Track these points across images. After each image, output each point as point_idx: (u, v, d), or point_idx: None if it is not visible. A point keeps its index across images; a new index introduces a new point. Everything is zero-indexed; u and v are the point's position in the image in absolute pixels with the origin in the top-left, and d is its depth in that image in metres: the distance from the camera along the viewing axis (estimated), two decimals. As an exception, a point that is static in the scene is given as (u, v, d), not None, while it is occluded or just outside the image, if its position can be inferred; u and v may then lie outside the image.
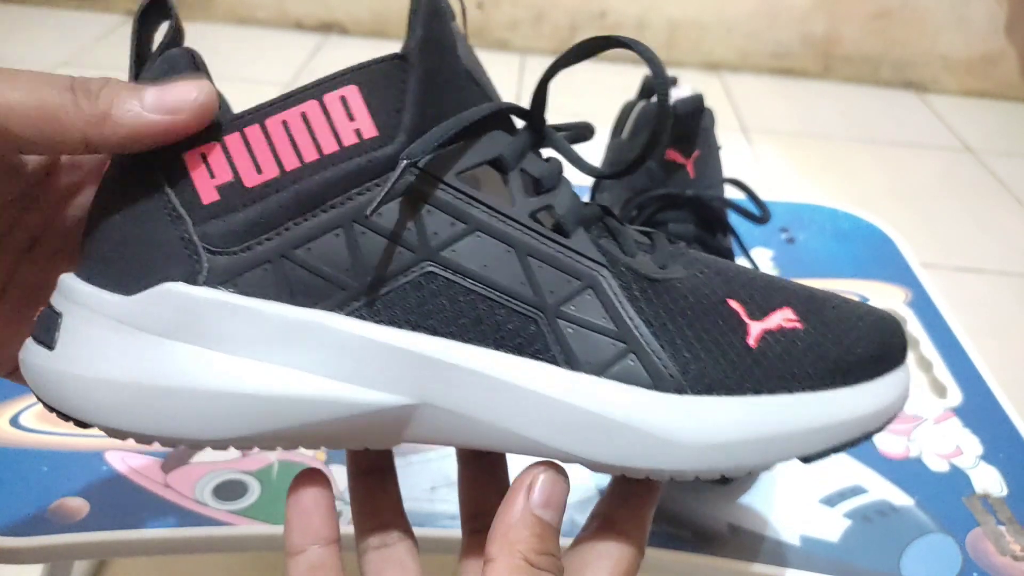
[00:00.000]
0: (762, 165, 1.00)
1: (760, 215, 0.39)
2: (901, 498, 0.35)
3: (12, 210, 0.22)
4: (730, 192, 0.42)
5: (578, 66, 0.26)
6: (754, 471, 0.24)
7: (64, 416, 0.20)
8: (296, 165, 0.21)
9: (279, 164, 0.21)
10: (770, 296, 0.23)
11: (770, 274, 0.24)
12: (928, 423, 0.40)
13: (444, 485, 0.34)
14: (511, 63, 1.19)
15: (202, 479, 0.33)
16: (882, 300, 0.49)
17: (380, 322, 0.21)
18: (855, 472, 0.36)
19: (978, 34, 1.24)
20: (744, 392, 0.21)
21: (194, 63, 0.21)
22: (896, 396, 0.23)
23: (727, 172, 0.42)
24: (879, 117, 1.17)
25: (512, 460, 0.24)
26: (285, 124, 0.21)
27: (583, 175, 0.25)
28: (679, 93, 0.41)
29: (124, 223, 0.21)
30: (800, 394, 0.22)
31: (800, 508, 0.34)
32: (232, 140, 0.21)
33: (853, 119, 1.16)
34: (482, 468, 0.25)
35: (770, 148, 1.04)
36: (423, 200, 0.21)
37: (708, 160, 0.40)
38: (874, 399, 0.23)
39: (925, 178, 1.01)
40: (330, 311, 0.21)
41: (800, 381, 0.22)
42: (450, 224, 0.21)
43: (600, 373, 0.21)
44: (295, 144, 0.21)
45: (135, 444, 0.20)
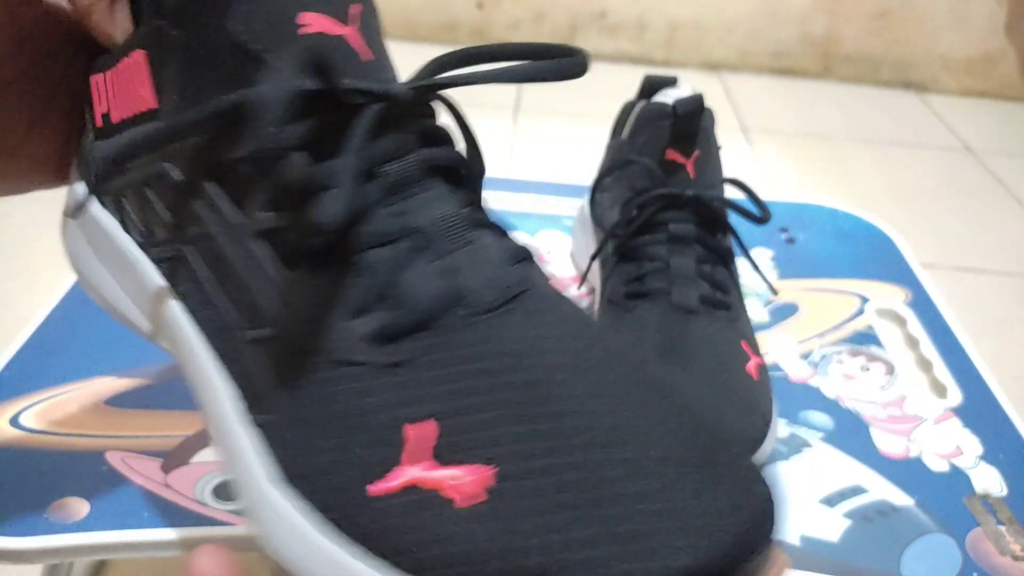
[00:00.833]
0: (762, 165, 1.00)
1: (760, 215, 0.39)
2: (901, 498, 0.35)
3: (58, 19, 0.23)
4: (730, 192, 0.42)
5: None
6: None
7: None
8: (121, 118, 0.22)
9: (119, 111, 0.22)
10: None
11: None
12: (928, 423, 0.40)
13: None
14: (511, 63, 1.19)
15: (202, 479, 0.33)
16: (882, 300, 0.49)
17: (160, 272, 0.23)
18: (855, 472, 0.36)
19: (978, 34, 1.24)
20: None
21: None
22: None
23: (727, 172, 0.42)
24: (879, 117, 1.17)
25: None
26: (116, 77, 0.22)
27: (581, 174, 0.25)
28: (679, 93, 0.41)
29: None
30: None
31: (800, 508, 0.34)
32: (107, 76, 0.22)
33: (853, 119, 1.16)
34: None
35: (770, 148, 1.04)
36: (172, 191, 0.20)
37: (708, 160, 0.40)
38: None
39: (925, 178, 1.01)
40: (140, 249, 0.23)
41: None
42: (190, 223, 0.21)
43: None
44: (121, 98, 0.22)
45: (135, 444, 0.21)
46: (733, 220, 0.41)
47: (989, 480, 0.37)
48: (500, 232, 0.21)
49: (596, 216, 0.43)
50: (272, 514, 0.19)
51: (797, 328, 0.46)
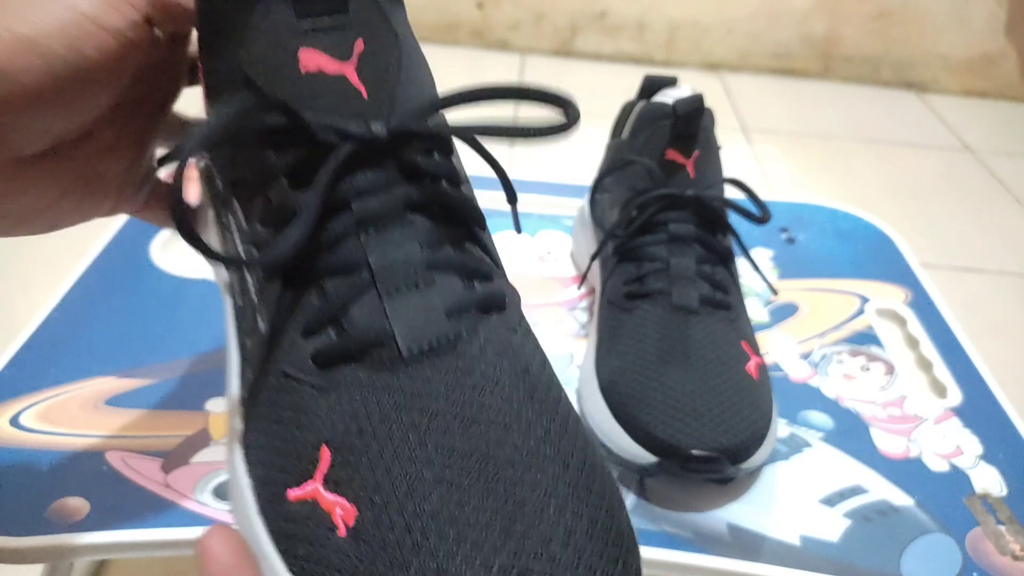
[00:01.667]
0: (762, 165, 1.00)
1: (760, 215, 0.39)
2: (901, 498, 0.35)
3: (150, 76, 0.24)
4: (730, 192, 0.42)
5: (577, 67, 0.25)
6: None
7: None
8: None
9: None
10: None
11: None
12: (928, 423, 0.40)
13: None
14: (511, 63, 1.19)
15: (202, 479, 0.33)
16: (882, 300, 0.49)
17: None
18: (855, 472, 0.36)
19: (978, 34, 1.24)
20: None
21: None
22: None
23: (727, 172, 0.42)
24: (879, 117, 1.17)
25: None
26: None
27: (581, 174, 0.25)
28: (679, 93, 0.41)
29: None
30: None
31: (800, 508, 0.34)
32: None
33: (853, 119, 1.16)
34: None
35: (770, 148, 1.04)
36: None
37: (708, 160, 0.40)
38: None
39: (925, 178, 1.01)
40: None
41: None
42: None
43: None
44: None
45: (136, 444, 0.21)
46: (733, 220, 0.41)
47: (989, 480, 0.37)
48: (466, 276, 0.21)
49: (596, 216, 0.43)
50: (236, 487, 0.21)
51: (797, 328, 0.46)
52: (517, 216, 0.24)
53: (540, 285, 0.48)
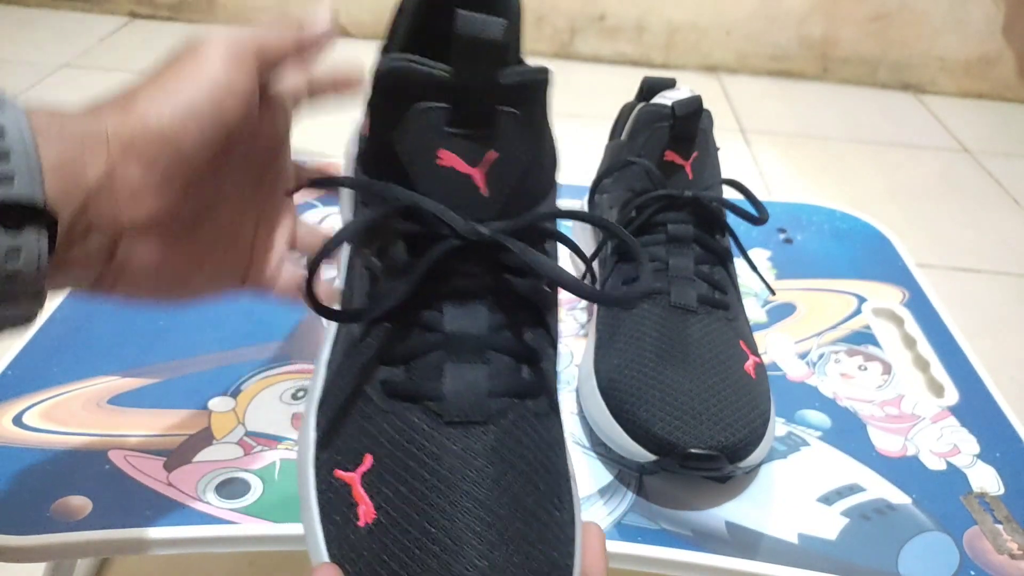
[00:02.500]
0: (760, 166, 1.00)
1: (758, 216, 0.39)
2: (898, 496, 0.35)
3: (273, 149, 0.28)
4: (728, 193, 0.42)
5: (577, 67, 0.26)
6: None
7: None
8: None
9: None
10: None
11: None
12: (925, 422, 0.40)
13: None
14: (510, 65, 1.19)
15: (204, 477, 0.33)
16: (879, 300, 0.49)
17: None
18: (853, 470, 0.37)
19: (975, 36, 1.24)
20: None
21: None
22: None
23: (725, 173, 0.42)
24: (877, 118, 1.18)
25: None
26: None
27: (581, 175, 0.26)
28: (678, 95, 0.42)
29: None
30: None
31: (798, 506, 0.35)
32: None
33: (851, 120, 1.16)
34: None
35: (768, 149, 1.04)
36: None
37: (706, 161, 0.41)
38: None
39: (922, 179, 1.01)
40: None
41: None
42: None
43: None
44: None
45: (138, 443, 0.22)
46: (731, 221, 0.41)
47: (986, 478, 0.37)
48: (517, 359, 0.25)
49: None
50: (304, 435, 0.26)
51: (795, 328, 0.47)
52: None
53: (539, 285, 0.48)
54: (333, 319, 0.26)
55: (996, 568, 0.32)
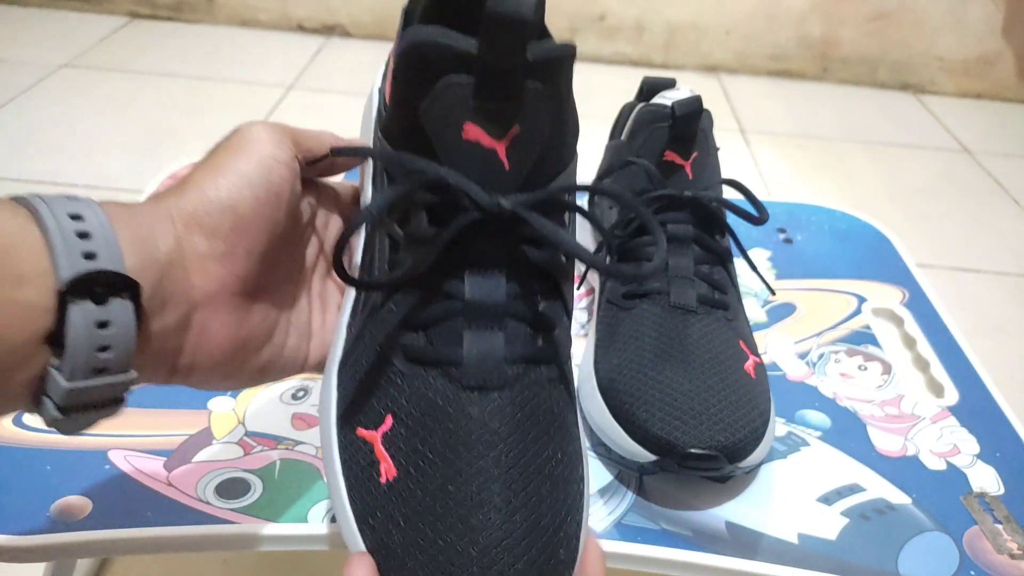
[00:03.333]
0: (760, 166, 1.00)
1: (758, 216, 0.39)
2: (898, 496, 0.35)
3: (318, 231, 0.31)
4: (728, 193, 0.42)
5: (576, 68, 0.26)
6: None
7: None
8: None
9: None
10: None
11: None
12: (925, 422, 0.40)
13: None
14: (510, 65, 1.19)
15: (204, 478, 0.33)
16: (879, 300, 0.49)
17: None
18: (853, 470, 0.37)
19: (975, 36, 1.25)
20: None
21: None
22: None
23: (725, 173, 0.42)
24: (876, 118, 1.18)
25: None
26: None
27: (580, 175, 0.26)
28: (677, 95, 0.42)
29: None
30: None
31: (798, 506, 0.35)
32: None
33: (850, 120, 1.16)
34: None
35: (768, 149, 1.04)
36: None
37: (706, 161, 0.41)
38: None
39: (922, 179, 1.01)
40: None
41: None
42: None
43: None
44: None
45: (138, 443, 0.22)
46: (731, 221, 0.41)
47: (986, 478, 0.37)
48: (534, 327, 0.26)
49: (595, 217, 0.44)
50: (325, 395, 0.28)
51: (795, 328, 0.47)
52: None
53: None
54: (361, 288, 0.27)
55: (996, 568, 0.32)
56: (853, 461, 0.37)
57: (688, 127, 0.39)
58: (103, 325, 0.20)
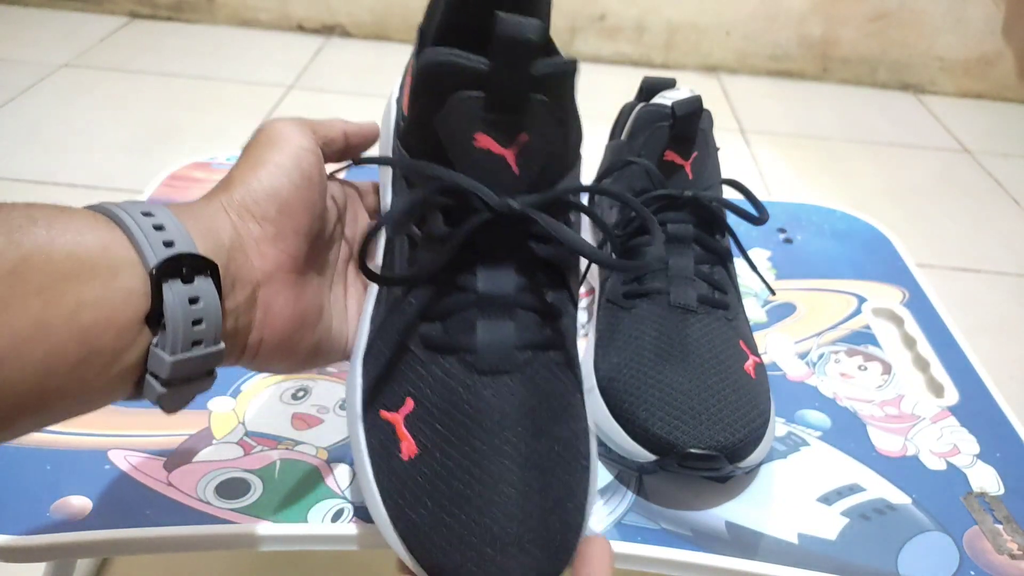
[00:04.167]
0: (760, 166, 1.00)
1: (758, 216, 0.39)
2: (898, 496, 0.35)
3: (338, 222, 0.33)
4: (728, 193, 0.42)
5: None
6: None
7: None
8: None
9: None
10: None
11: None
12: (925, 422, 0.40)
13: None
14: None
15: (204, 477, 0.33)
16: (879, 300, 0.49)
17: None
18: (852, 470, 0.37)
19: (975, 36, 1.25)
20: None
21: None
22: None
23: (725, 173, 0.42)
24: (876, 118, 1.18)
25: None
26: None
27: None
28: (678, 95, 0.42)
29: None
30: None
31: (797, 506, 0.35)
32: None
33: (851, 120, 1.16)
34: None
35: (768, 149, 1.04)
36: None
37: (706, 161, 0.41)
38: None
39: (922, 179, 1.01)
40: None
41: None
42: None
43: None
44: None
45: (138, 443, 0.23)
46: (731, 221, 0.41)
47: (986, 478, 0.37)
48: (542, 316, 0.28)
49: (597, 215, 0.44)
50: (351, 382, 0.30)
51: (795, 328, 0.47)
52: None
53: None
54: (384, 284, 0.29)
55: (996, 568, 0.32)
56: (853, 461, 0.37)
57: (688, 127, 0.39)
58: (194, 301, 0.23)
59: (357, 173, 0.39)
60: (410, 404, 0.27)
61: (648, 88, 0.44)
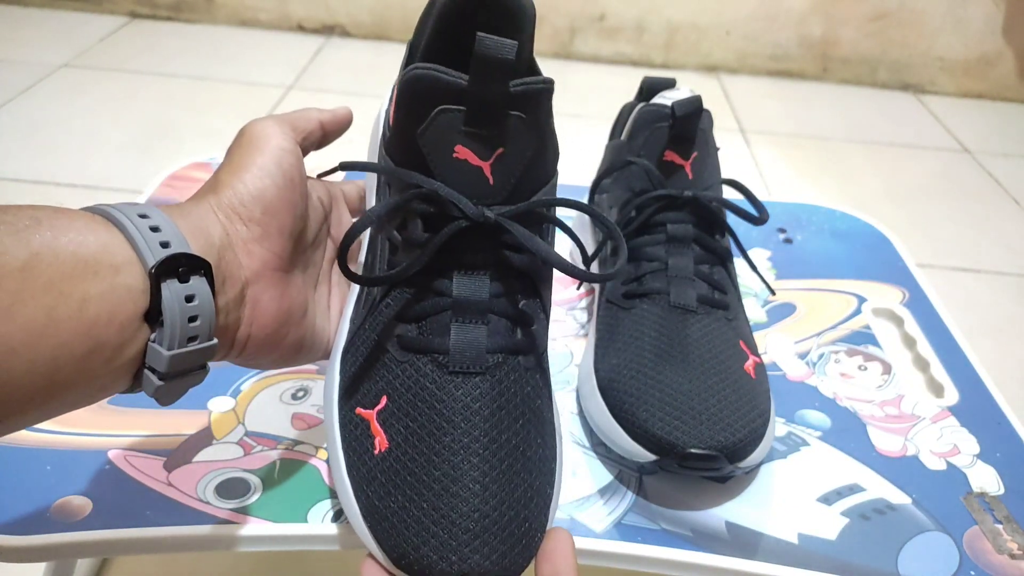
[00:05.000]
0: (760, 166, 1.00)
1: (758, 216, 0.39)
2: (898, 496, 0.35)
3: (324, 224, 0.34)
4: (728, 193, 0.42)
5: (577, 68, 0.27)
6: None
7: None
8: None
9: None
10: None
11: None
12: (925, 422, 0.40)
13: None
14: (510, 65, 1.19)
15: (204, 478, 0.33)
16: (879, 300, 0.49)
17: None
18: (852, 470, 0.37)
19: (975, 36, 1.25)
20: None
21: None
22: None
23: (725, 173, 0.43)
24: (876, 118, 1.18)
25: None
26: None
27: (581, 175, 0.27)
28: (677, 95, 0.42)
29: None
30: None
31: (798, 506, 0.35)
32: None
33: (851, 120, 1.16)
34: None
35: (768, 149, 1.04)
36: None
37: (706, 161, 0.41)
38: None
39: (922, 179, 1.01)
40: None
41: None
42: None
43: None
44: None
45: (138, 443, 0.25)
46: (731, 221, 0.41)
47: (986, 478, 0.37)
48: (513, 322, 0.30)
49: (599, 214, 0.44)
50: (329, 378, 0.31)
51: (795, 328, 0.47)
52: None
53: (539, 285, 0.48)
54: (363, 284, 0.30)
55: (996, 568, 0.32)
56: (853, 461, 0.37)
57: (688, 127, 0.39)
58: (189, 299, 0.24)
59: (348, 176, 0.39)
60: (384, 401, 0.28)
61: (648, 88, 0.44)
